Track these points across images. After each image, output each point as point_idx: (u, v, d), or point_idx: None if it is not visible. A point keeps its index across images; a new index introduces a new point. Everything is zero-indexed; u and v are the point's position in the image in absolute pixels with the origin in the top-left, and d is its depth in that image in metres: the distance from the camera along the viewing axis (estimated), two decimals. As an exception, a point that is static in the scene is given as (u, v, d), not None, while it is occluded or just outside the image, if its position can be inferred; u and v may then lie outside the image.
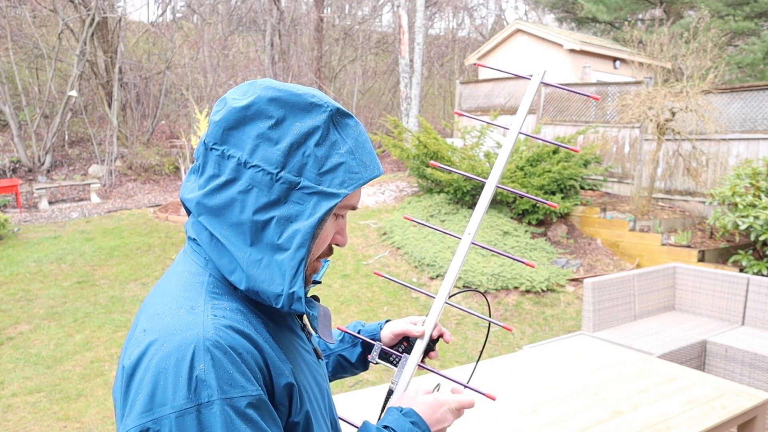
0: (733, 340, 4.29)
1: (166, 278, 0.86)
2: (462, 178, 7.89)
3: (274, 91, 0.83)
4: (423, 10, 12.49)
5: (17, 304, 5.88)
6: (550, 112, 10.64)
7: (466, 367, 2.94)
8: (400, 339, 1.25)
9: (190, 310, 0.76)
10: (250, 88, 0.85)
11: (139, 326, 0.79)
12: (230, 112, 0.82)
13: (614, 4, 17.61)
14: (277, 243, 0.80)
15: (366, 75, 18.81)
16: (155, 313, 0.78)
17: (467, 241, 1.22)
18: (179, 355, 0.71)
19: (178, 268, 0.86)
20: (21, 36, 13.00)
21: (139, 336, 0.77)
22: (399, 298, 6.40)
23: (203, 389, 0.70)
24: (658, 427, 2.32)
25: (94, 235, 8.21)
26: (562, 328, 5.90)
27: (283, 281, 0.80)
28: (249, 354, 0.75)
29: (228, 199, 0.80)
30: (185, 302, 0.78)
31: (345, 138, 0.85)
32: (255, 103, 0.82)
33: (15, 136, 11.32)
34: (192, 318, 0.75)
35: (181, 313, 0.76)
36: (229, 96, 0.85)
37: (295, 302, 0.81)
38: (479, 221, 1.22)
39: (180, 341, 0.72)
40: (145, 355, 0.73)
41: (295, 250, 0.81)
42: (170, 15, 16.41)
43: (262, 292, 0.80)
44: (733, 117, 7.90)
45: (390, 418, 0.99)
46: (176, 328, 0.74)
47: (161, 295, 0.82)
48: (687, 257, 6.83)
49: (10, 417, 3.93)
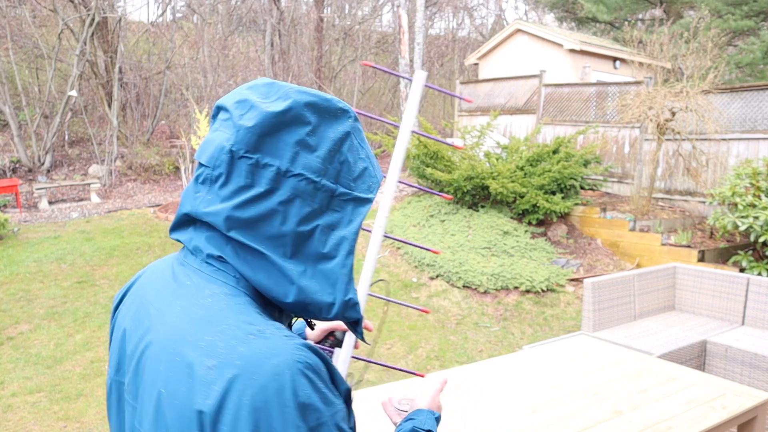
0: (733, 340, 4.29)
1: (188, 305, 0.75)
2: (462, 178, 7.89)
3: (307, 95, 0.80)
4: (423, 10, 12.48)
5: (17, 304, 5.88)
6: (550, 112, 10.64)
7: (466, 367, 2.94)
8: (326, 334, 1.27)
9: (260, 334, 0.70)
10: (277, 90, 0.80)
11: (195, 363, 0.68)
12: (266, 117, 0.76)
13: (614, 4, 17.62)
14: (323, 252, 0.78)
15: (366, 75, 18.80)
16: (214, 344, 0.69)
17: (378, 234, 1.30)
18: (278, 385, 0.66)
19: (204, 291, 0.76)
20: (21, 36, 13.00)
21: (207, 373, 0.67)
22: (399, 298, 6.41)
23: (311, 413, 0.68)
24: (658, 427, 2.32)
25: (94, 235, 8.21)
26: (562, 328, 5.90)
27: (334, 290, 0.79)
28: (325, 369, 0.74)
29: (266, 210, 0.75)
30: (249, 327, 0.71)
31: (361, 143, 0.86)
32: (292, 108, 0.78)
33: (15, 136, 11.31)
34: (270, 343, 0.69)
35: (253, 339, 0.69)
36: (255, 99, 0.79)
37: (350, 309, 0.81)
38: (386, 215, 1.31)
39: (272, 370, 0.67)
40: (231, 392, 0.66)
41: (345, 258, 0.80)
42: (170, 15, 16.41)
43: (312, 303, 0.78)
44: (733, 117, 7.90)
45: (421, 418, 1.10)
46: (259, 356, 0.67)
47: (205, 324, 0.72)
48: (687, 257, 6.83)
49: (10, 417, 3.93)
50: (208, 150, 0.78)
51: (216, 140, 0.78)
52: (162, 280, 0.82)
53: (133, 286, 0.89)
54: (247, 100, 0.79)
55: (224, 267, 0.78)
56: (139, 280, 0.88)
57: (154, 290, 0.81)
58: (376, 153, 11.40)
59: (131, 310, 0.84)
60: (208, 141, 0.80)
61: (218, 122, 0.81)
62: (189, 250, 0.80)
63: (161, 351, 0.73)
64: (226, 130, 0.78)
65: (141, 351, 0.76)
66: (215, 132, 0.80)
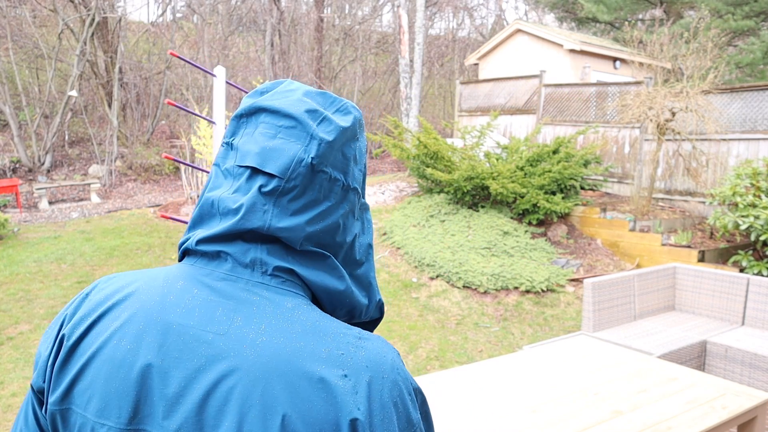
0: (733, 340, 4.29)
1: (276, 321, 0.70)
2: (462, 178, 7.89)
3: (358, 111, 0.83)
4: (423, 10, 12.48)
5: (17, 304, 5.88)
6: (550, 112, 10.64)
7: (466, 367, 2.94)
8: None
9: (363, 337, 0.73)
10: (332, 101, 0.81)
11: (327, 376, 0.67)
12: (341, 133, 0.77)
13: (614, 4, 17.62)
14: (357, 259, 0.82)
15: (366, 75, 18.81)
16: (334, 354, 0.69)
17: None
18: (401, 378, 0.72)
19: (284, 304, 0.72)
20: (21, 36, 13.00)
21: (344, 383, 0.67)
22: (399, 298, 6.41)
23: (419, 394, 0.75)
24: (658, 427, 2.32)
25: (94, 235, 8.21)
26: (562, 328, 5.90)
27: (368, 293, 0.84)
28: None
29: (332, 223, 0.77)
30: (350, 331, 0.73)
31: None
32: (354, 124, 0.80)
33: (15, 136, 11.32)
34: (375, 343, 0.73)
35: (363, 342, 0.72)
36: (323, 110, 0.78)
37: (377, 310, 0.86)
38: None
39: (391, 365, 0.72)
40: (373, 394, 0.68)
41: (371, 262, 0.85)
42: (170, 15, 16.42)
43: (356, 307, 0.82)
44: (733, 117, 7.90)
45: None
46: (378, 356, 0.71)
47: (312, 336, 0.70)
48: (687, 257, 6.83)
49: (10, 417, 3.93)
50: (278, 160, 0.73)
51: (286, 150, 0.73)
52: (195, 301, 0.72)
53: (111, 311, 0.74)
54: (317, 111, 0.77)
55: (292, 277, 0.75)
56: (128, 301, 0.74)
57: (187, 313, 0.71)
58: (376, 153, 11.39)
59: (147, 341, 0.70)
60: (272, 149, 0.74)
61: (274, 128, 0.75)
62: (241, 263, 0.73)
63: (263, 377, 0.66)
64: (296, 140, 0.74)
65: (209, 386, 0.66)
66: (276, 140, 0.74)
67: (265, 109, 0.77)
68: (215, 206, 0.75)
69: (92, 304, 0.76)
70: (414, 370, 4.82)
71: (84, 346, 0.73)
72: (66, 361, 0.74)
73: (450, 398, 2.55)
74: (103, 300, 0.76)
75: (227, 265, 0.74)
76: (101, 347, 0.72)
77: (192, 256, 0.76)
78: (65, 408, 0.72)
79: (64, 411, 0.72)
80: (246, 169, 0.74)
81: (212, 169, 0.81)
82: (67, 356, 0.74)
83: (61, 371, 0.74)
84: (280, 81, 0.84)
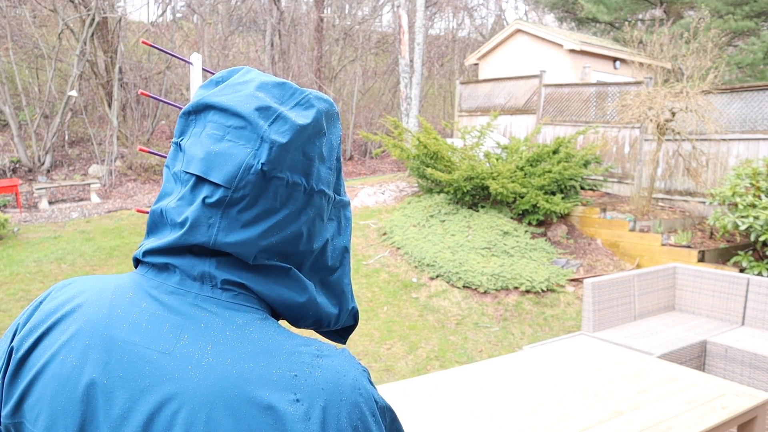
0: (733, 340, 4.29)
1: (224, 340, 0.64)
2: (462, 178, 7.89)
3: (322, 101, 0.72)
4: (423, 10, 12.48)
5: (17, 304, 5.88)
6: (550, 112, 10.64)
7: (466, 367, 2.94)
8: None
9: (321, 354, 0.66)
10: (291, 93, 0.71)
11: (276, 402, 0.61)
12: (298, 132, 0.67)
13: (614, 5, 17.63)
14: (329, 265, 0.75)
15: (366, 75, 18.81)
16: (285, 376, 0.63)
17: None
18: (363, 398, 0.65)
19: (235, 321, 0.66)
20: (21, 36, 13.01)
21: (295, 409, 0.61)
22: (399, 298, 6.41)
23: (387, 411, 0.70)
24: (658, 427, 2.32)
25: (94, 235, 8.21)
26: (562, 328, 5.90)
27: (339, 300, 0.77)
28: None
29: (292, 233, 0.69)
30: (307, 348, 0.66)
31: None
32: (317, 119, 0.70)
33: (15, 136, 11.32)
34: (335, 360, 0.66)
35: (321, 361, 0.65)
36: (277, 105, 0.69)
37: (350, 317, 0.79)
38: None
39: (352, 384, 0.65)
40: (328, 420, 0.62)
41: (346, 266, 0.77)
42: (170, 15, 16.42)
43: (323, 318, 0.75)
44: (733, 117, 7.90)
45: None
46: (336, 376, 0.64)
47: (263, 356, 0.63)
48: (687, 257, 6.83)
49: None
50: (224, 167, 0.65)
51: (233, 155, 0.65)
52: (143, 316, 0.66)
53: (60, 324, 0.70)
54: (270, 108, 0.67)
55: (245, 291, 0.68)
56: (77, 313, 0.70)
57: (134, 329, 0.66)
58: (376, 153, 11.38)
59: (93, 357, 0.66)
60: (218, 155, 0.66)
61: (222, 129, 0.67)
62: (190, 276, 0.68)
63: (207, 402, 0.61)
64: (245, 142, 0.66)
65: (153, 410, 0.62)
66: (223, 142, 0.66)
67: (212, 106, 0.69)
68: (164, 216, 0.70)
69: (42, 314, 0.72)
70: (414, 370, 4.82)
71: (33, 359, 0.69)
72: (15, 374, 0.70)
73: (450, 398, 2.56)
74: (53, 310, 0.72)
75: (176, 278, 0.68)
76: (48, 362, 0.68)
77: (143, 265, 0.71)
78: (18, 422, 0.69)
79: (17, 425, 0.69)
80: (191, 176, 0.67)
81: (164, 171, 0.75)
82: (17, 369, 0.70)
83: (11, 384, 0.70)
84: (237, 69, 0.75)
